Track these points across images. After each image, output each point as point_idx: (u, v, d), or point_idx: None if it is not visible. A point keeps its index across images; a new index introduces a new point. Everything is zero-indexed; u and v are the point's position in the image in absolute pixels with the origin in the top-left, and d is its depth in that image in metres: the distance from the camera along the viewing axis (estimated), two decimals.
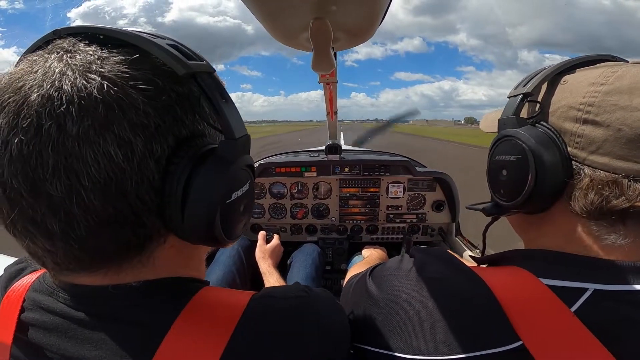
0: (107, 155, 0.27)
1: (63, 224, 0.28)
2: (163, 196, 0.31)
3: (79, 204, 0.27)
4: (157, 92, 0.30)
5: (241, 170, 0.35)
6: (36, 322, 0.36)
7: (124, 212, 0.29)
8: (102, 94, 0.27)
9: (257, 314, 0.36)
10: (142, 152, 0.29)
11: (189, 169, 0.31)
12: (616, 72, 0.38)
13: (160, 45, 0.30)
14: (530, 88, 0.44)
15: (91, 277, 0.33)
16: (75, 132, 0.26)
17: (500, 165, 0.46)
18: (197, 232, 0.32)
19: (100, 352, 0.32)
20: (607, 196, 0.36)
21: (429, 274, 0.43)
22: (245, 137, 0.35)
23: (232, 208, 0.34)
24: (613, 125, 0.36)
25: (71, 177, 0.27)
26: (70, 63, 0.28)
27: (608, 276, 0.36)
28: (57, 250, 0.30)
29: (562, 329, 0.34)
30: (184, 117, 0.32)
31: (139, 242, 0.32)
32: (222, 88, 0.34)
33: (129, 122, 0.28)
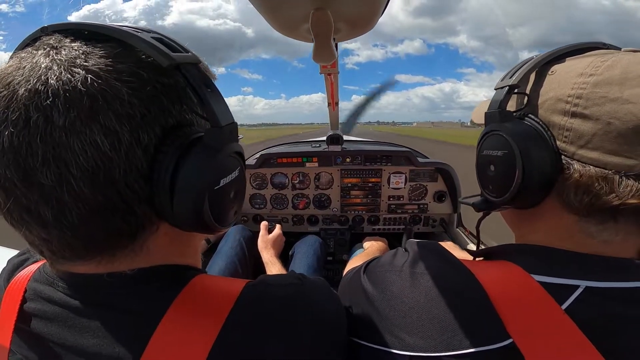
0: (94, 145, 0.28)
1: (55, 212, 0.29)
2: (152, 184, 0.32)
3: (69, 192, 0.29)
4: (142, 84, 0.31)
5: (229, 157, 0.35)
6: (37, 312, 0.36)
7: (113, 200, 0.30)
8: (86, 86, 0.28)
9: (251, 301, 0.37)
10: (129, 141, 0.30)
11: (176, 157, 0.32)
12: (606, 62, 0.36)
13: (144, 38, 0.31)
14: (516, 79, 0.43)
15: (86, 265, 0.34)
16: (61, 123, 0.27)
17: (488, 161, 0.45)
18: (187, 219, 0.33)
19: (98, 341, 0.33)
20: (597, 193, 0.35)
21: (421, 269, 0.43)
22: (232, 125, 0.35)
23: (221, 194, 0.35)
24: (602, 118, 0.35)
25: (60, 166, 0.28)
26: (55, 58, 0.29)
27: (600, 273, 0.36)
28: (52, 238, 0.31)
29: (553, 327, 0.34)
30: (170, 107, 0.33)
31: (131, 230, 0.33)
32: (207, 78, 0.34)
33: (114, 113, 0.29)
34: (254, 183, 1.62)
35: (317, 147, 1.62)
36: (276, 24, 0.48)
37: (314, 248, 1.37)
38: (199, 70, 0.34)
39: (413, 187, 1.59)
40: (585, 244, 0.38)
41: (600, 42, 0.43)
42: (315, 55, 0.54)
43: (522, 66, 0.43)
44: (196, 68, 0.34)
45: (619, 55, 0.37)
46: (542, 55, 0.43)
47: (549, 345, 0.33)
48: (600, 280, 0.35)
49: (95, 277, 0.35)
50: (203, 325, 0.34)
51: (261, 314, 0.36)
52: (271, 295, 0.39)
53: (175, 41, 0.34)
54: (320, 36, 0.48)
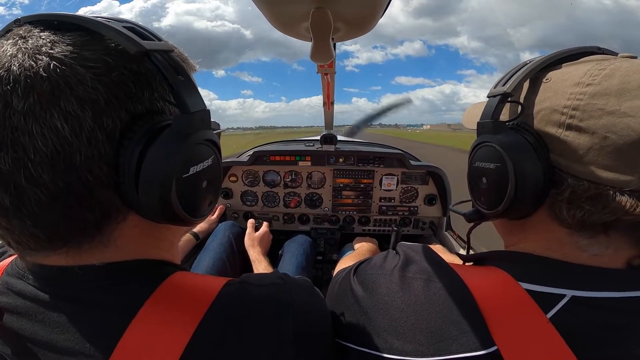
0: (53, 129, 0.28)
1: (14, 199, 0.29)
2: (117, 171, 0.31)
3: (27, 177, 0.28)
4: (107, 70, 0.31)
5: (199, 144, 0.34)
6: (9, 307, 0.35)
7: (75, 186, 0.30)
8: (48, 72, 0.28)
9: (229, 301, 0.36)
10: (91, 126, 0.29)
11: (142, 143, 0.31)
12: (604, 70, 0.35)
13: (113, 27, 0.31)
14: (510, 87, 0.41)
15: (54, 256, 0.33)
16: (20, 108, 0.27)
17: (480, 173, 0.44)
18: (154, 208, 0.32)
19: (68, 336, 0.32)
20: (590, 209, 0.35)
21: (411, 274, 0.43)
22: (203, 112, 0.35)
23: (191, 183, 0.34)
24: (599, 132, 0.33)
25: (18, 150, 0.28)
26: (22, 47, 0.29)
27: (587, 283, 0.36)
28: (14, 227, 0.30)
29: (536, 336, 0.34)
30: (139, 93, 0.33)
31: (95, 218, 0.32)
32: (180, 66, 0.34)
33: (76, 98, 0.29)
34: (246, 180, 1.61)
35: (310, 147, 1.62)
36: (275, 22, 0.48)
37: (304, 247, 1.37)
38: (170, 58, 0.33)
39: (404, 190, 1.60)
40: (574, 255, 0.38)
41: (595, 47, 0.41)
42: (313, 55, 0.54)
43: (516, 72, 0.42)
44: (167, 56, 0.33)
45: (616, 63, 0.35)
46: (536, 61, 0.41)
47: (531, 354, 0.33)
48: (586, 290, 0.35)
49: (66, 269, 0.34)
50: (178, 323, 0.33)
51: (240, 313, 0.36)
52: (251, 295, 0.38)
53: (148, 30, 0.34)
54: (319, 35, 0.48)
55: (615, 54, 0.40)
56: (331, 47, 0.54)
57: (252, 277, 0.41)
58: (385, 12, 0.47)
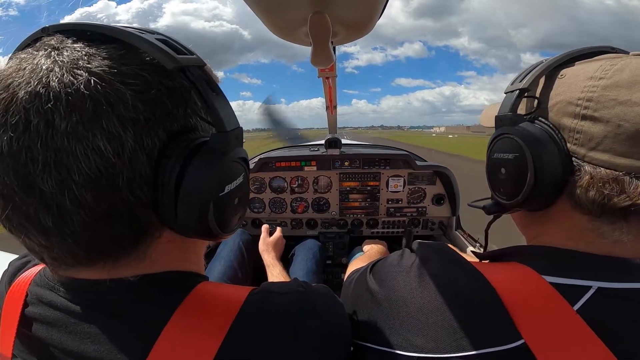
0: (97, 150, 0.27)
1: (56, 219, 0.28)
2: (156, 190, 0.31)
3: (71, 199, 0.28)
4: (146, 86, 0.30)
5: (234, 162, 0.35)
6: (39, 317, 0.36)
7: (117, 207, 0.29)
8: (89, 89, 0.27)
9: (255, 309, 0.36)
10: (132, 147, 0.29)
11: (180, 162, 0.31)
12: (615, 65, 0.37)
13: (148, 40, 0.30)
14: (527, 83, 0.43)
15: (89, 271, 0.34)
16: (63, 128, 0.26)
17: (499, 164, 0.45)
18: (191, 225, 0.32)
19: (99, 347, 0.33)
20: (608, 194, 0.36)
21: (430, 270, 0.43)
22: (238, 130, 0.35)
23: (225, 201, 0.34)
24: (612, 120, 0.35)
25: (62, 172, 0.27)
26: (57, 60, 0.28)
27: (612, 274, 0.36)
28: (53, 245, 0.30)
29: (564, 328, 0.34)
30: (175, 110, 0.32)
31: (135, 236, 0.32)
32: (213, 81, 0.33)
33: (117, 117, 0.28)
34: (252, 187, 1.62)
35: (315, 151, 1.62)
36: (274, 28, 0.48)
37: (314, 252, 1.37)
38: (204, 73, 0.33)
39: (412, 190, 1.59)
40: (596, 243, 0.39)
41: (608, 46, 0.43)
42: (314, 59, 0.55)
43: (532, 70, 0.44)
44: (201, 71, 0.33)
45: (627, 59, 0.37)
46: (551, 59, 0.44)
47: (561, 346, 0.33)
48: (612, 281, 0.35)
49: (98, 283, 0.34)
50: (207, 333, 0.33)
51: (265, 322, 0.36)
52: (275, 303, 0.38)
53: (179, 43, 0.33)
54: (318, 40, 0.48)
55: (627, 52, 0.42)
56: (331, 50, 0.54)
57: (274, 286, 0.41)
58: (382, 13, 0.48)
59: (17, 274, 0.43)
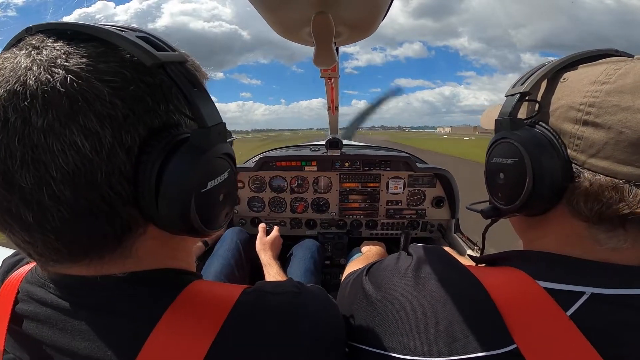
0: (74, 146, 0.28)
1: (37, 215, 0.28)
2: (137, 186, 0.31)
3: (50, 195, 0.28)
4: (124, 83, 0.30)
5: (217, 158, 0.34)
6: (29, 314, 0.36)
7: (96, 203, 0.30)
8: (65, 86, 0.27)
9: (247, 309, 0.36)
10: (111, 143, 0.29)
11: (161, 158, 0.31)
12: (619, 70, 0.36)
13: (127, 37, 0.30)
14: (528, 87, 0.42)
15: (76, 267, 0.34)
16: (40, 125, 0.27)
17: (498, 169, 0.45)
18: (174, 222, 0.32)
19: (89, 344, 0.33)
20: (607, 202, 0.35)
21: (425, 274, 0.43)
22: (220, 126, 0.35)
23: (209, 197, 0.34)
24: (614, 127, 0.34)
25: (39, 168, 0.27)
26: (36, 59, 0.28)
27: (606, 280, 0.36)
28: (36, 241, 0.30)
29: (557, 333, 0.34)
30: (156, 107, 0.32)
31: (116, 233, 0.32)
32: (195, 77, 0.33)
33: (95, 113, 0.28)
34: (252, 186, 1.62)
35: (316, 151, 1.62)
36: (277, 27, 0.48)
37: (312, 252, 1.37)
38: (186, 69, 0.33)
39: (411, 193, 1.59)
40: (593, 250, 0.38)
41: (613, 49, 0.43)
42: (316, 59, 0.54)
43: (534, 73, 0.43)
44: (182, 67, 0.33)
45: (631, 63, 0.37)
46: (554, 62, 0.43)
47: (553, 351, 0.33)
48: (606, 287, 0.35)
49: (88, 279, 0.34)
50: (198, 331, 0.33)
51: (257, 322, 0.36)
52: (268, 303, 0.38)
53: (162, 40, 0.34)
54: (321, 40, 0.48)
55: (632, 56, 0.41)
56: (334, 51, 0.54)
57: (268, 285, 0.41)
58: (386, 15, 0.47)
59: (10, 271, 0.43)
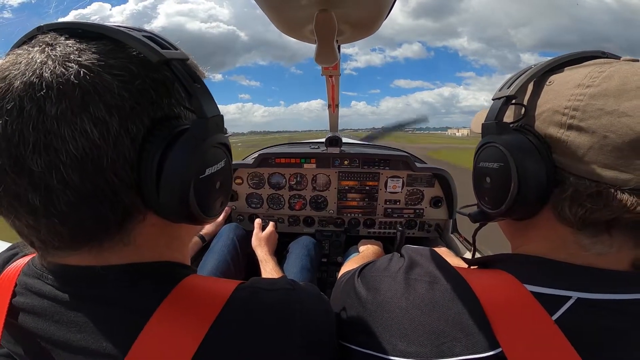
0: (84, 133, 0.29)
1: (44, 199, 0.30)
2: (140, 173, 0.33)
3: (58, 179, 0.29)
4: (132, 77, 0.32)
5: (214, 147, 0.37)
6: (26, 307, 0.36)
7: (101, 187, 0.31)
8: (78, 79, 0.30)
9: (240, 304, 0.37)
10: (117, 131, 0.31)
11: (163, 146, 0.33)
12: (603, 73, 0.36)
13: (135, 36, 0.33)
14: (514, 90, 0.42)
15: (76, 256, 0.35)
16: (53, 113, 0.29)
17: (484, 173, 0.45)
18: (173, 207, 0.34)
19: (84, 335, 0.33)
20: (590, 208, 0.35)
21: (416, 276, 0.43)
22: (218, 117, 0.37)
23: (206, 184, 0.36)
24: (598, 131, 0.34)
25: (50, 153, 0.29)
26: (50, 54, 0.31)
27: (592, 285, 0.36)
28: (40, 226, 0.32)
29: (542, 338, 0.34)
30: (159, 100, 0.35)
31: (117, 218, 0.34)
32: (195, 73, 0.36)
33: (104, 104, 0.30)
34: (251, 182, 1.62)
35: (315, 149, 1.62)
36: (280, 25, 0.48)
37: (308, 249, 1.37)
38: (187, 66, 0.35)
39: (410, 192, 1.59)
40: (578, 255, 0.38)
41: (599, 51, 0.42)
42: (318, 57, 0.54)
43: (520, 76, 0.43)
44: (184, 64, 0.35)
45: (617, 66, 0.36)
46: (540, 65, 0.42)
47: (537, 356, 0.33)
48: (592, 292, 0.35)
49: (86, 269, 0.35)
50: (191, 325, 0.34)
51: (250, 318, 0.37)
52: (261, 300, 0.39)
53: (165, 39, 0.36)
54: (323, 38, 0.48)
55: (618, 57, 0.41)
56: (335, 49, 0.54)
57: (262, 282, 0.42)
58: (389, 13, 0.47)
59: (5, 265, 0.43)
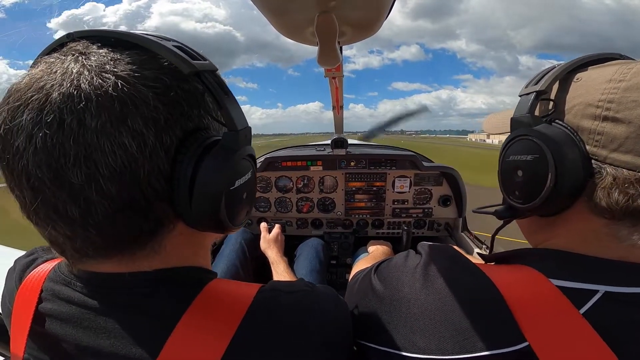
0: (122, 146, 0.30)
1: (82, 210, 0.30)
2: (172, 184, 0.33)
3: (97, 191, 0.30)
4: (165, 89, 0.33)
5: (243, 159, 0.37)
6: (53, 313, 0.37)
7: (137, 199, 0.32)
8: (116, 91, 0.30)
9: (264, 307, 0.38)
10: (153, 143, 0.31)
11: (195, 158, 0.33)
12: (632, 69, 0.37)
13: (167, 46, 0.33)
14: (544, 86, 0.43)
15: (107, 264, 0.35)
16: (94, 126, 0.29)
17: (515, 166, 0.44)
18: (204, 218, 0.34)
19: (114, 341, 0.34)
20: (633, 195, 0.35)
21: (434, 272, 0.43)
22: (247, 129, 0.37)
23: (235, 195, 0.36)
24: (635, 122, 0.35)
25: (90, 166, 0.29)
26: (85, 64, 0.31)
27: (620, 278, 0.36)
28: (76, 236, 0.32)
29: (570, 331, 0.33)
30: (190, 111, 0.35)
31: (150, 227, 0.34)
32: (224, 84, 0.36)
33: (141, 116, 0.31)
34: (258, 186, 1.63)
35: (321, 151, 1.63)
36: (281, 28, 0.48)
37: (317, 251, 1.37)
38: (217, 77, 0.36)
39: (418, 191, 1.58)
40: (609, 248, 0.38)
41: (617, 53, 0.44)
42: (320, 59, 0.55)
43: (547, 73, 0.44)
44: (214, 75, 0.36)
45: None
46: (564, 64, 0.44)
47: (566, 349, 0.33)
48: (619, 286, 0.35)
49: (115, 276, 0.36)
50: (217, 329, 0.35)
51: (272, 320, 0.37)
52: (282, 302, 0.40)
53: (194, 50, 0.36)
54: (325, 40, 0.49)
55: (633, 59, 0.42)
56: (337, 50, 0.54)
57: (281, 285, 0.43)
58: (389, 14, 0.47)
59: (26, 271, 0.44)
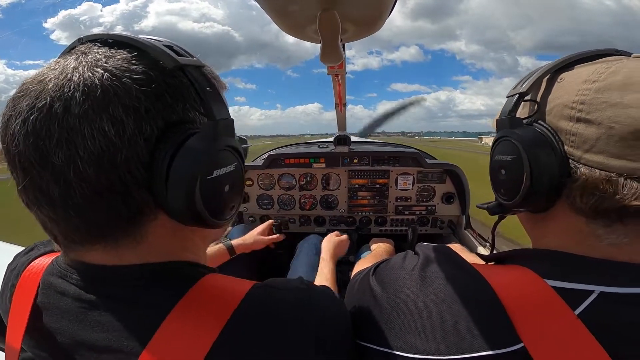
0: (101, 131, 0.32)
1: (62, 191, 0.32)
2: (151, 172, 0.35)
3: (75, 172, 0.32)
4: (149, 82, 0.35)
5: (222, 150, 0.37)
6: (49, 307, 0.38)
7: (115, 183, 0.33)
8: (101, 82, 0.32)
9: (255, 303, 0.38)
10: (132, 130, 0.33)
11: (173, 147, 0.34)
12: (610, 68, 0.38)
13: (155, 45, 0.36)
14: (526, 87, 0.44)
15: (94, 252, 0.36)
16: (77, 112, 0.31)
17: (500, 165, 0.47)
18: (180, 206, 0.35)
19: (108, 335, 0.35)
20: (601, 195, 0.36)
21: (431, 273, 0.43)
22: (228, 121, 0.38)
23: (214, 186, 0.36)
24: (604, 123, 0.36)
25: (70, 147, 0.31)
26: (82, 61, 0.34)
27: (615, 278, 0.36)
28: (59, 218, 0.34)
29: (565, 332, 0.33)
30: (174, 104, 0.36)
31: (130, 213, 0.35)
32: (210, 80, 0.38)
33: (122, 105, 0.33)
34: (261, 183, 1.63)
35: (324, 148, 1.62)
36: (284, 25, 0.48)
37: (317, 247, 1.36)
38: (202, 73, 0.37)
39: (421, 189, 1.58)
40: (594, 246, 0.38)
41: (612, 49, 0.44)
42: (323, 56, 0.55)
43: (532, 75, 0.45)
44: (199, 70, 0.37)
45: (624, 62, 0.38)
46: (551, 64, 0.45)
47: (561, 350, 0.33)
48: (614, 286, 0.35)
49: (108, 268, 0.37)
50: (207, 321, 0.35)
51: (265, 316, 0.37)
52: (276, 299, 0.39)
53: (183, 49, 0.39)
54: (327, 37, 0.48)
55: (629, 54, 0.42)
56: (340, 48, 0.54)
57: (277, 282, 0.43)
58: (392, 11, 0.47)
59: (25, 265, 0.44)
